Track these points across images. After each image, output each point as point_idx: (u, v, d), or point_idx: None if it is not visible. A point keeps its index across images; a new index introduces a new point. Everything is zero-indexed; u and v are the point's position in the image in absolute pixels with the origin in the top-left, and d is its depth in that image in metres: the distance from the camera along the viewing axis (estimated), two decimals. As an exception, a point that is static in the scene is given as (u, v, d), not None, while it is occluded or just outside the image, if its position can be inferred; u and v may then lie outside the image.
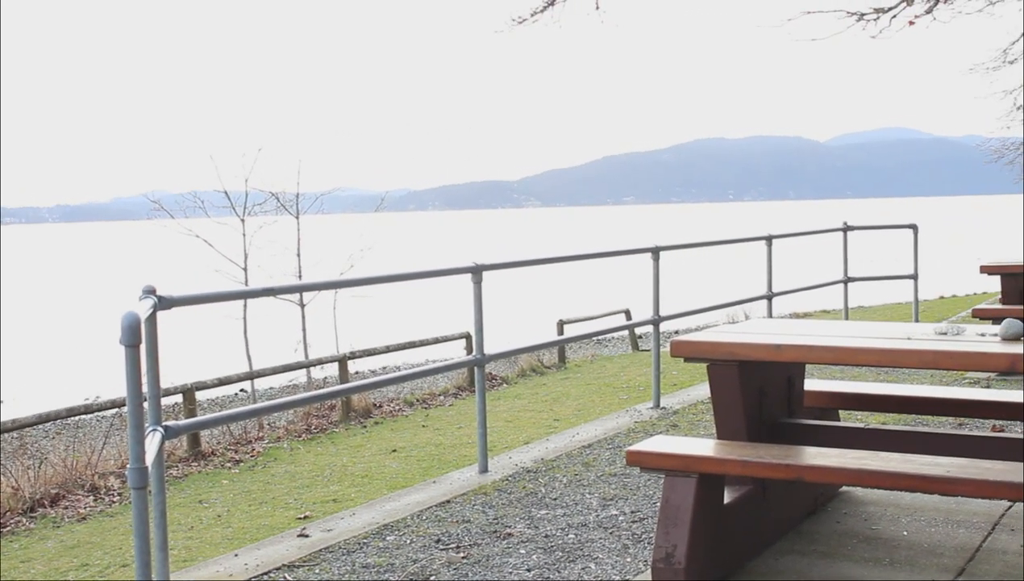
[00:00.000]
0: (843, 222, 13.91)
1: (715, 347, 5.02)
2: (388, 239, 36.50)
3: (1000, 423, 7.76)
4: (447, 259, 8.52)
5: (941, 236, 75.07)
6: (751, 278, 12.40)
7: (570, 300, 32.60)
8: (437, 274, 7.45)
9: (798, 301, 23.19)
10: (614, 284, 31.35)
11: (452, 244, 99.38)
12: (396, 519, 6.20)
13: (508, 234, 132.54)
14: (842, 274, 13.91)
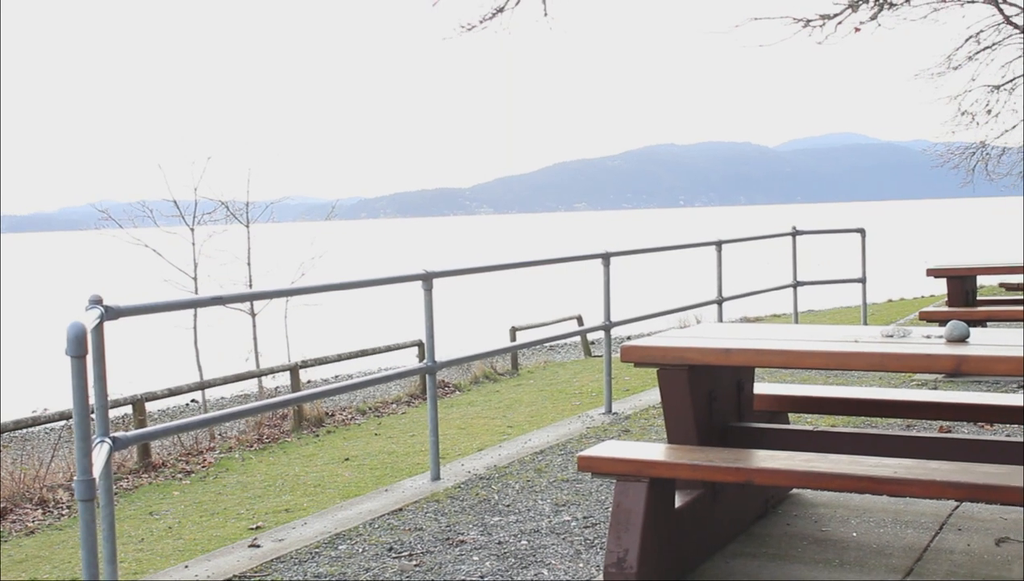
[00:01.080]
0: (792, 227, 14.01)
1: (665, 352, 5.04)
2: (339, 247, 36.36)
3: (947, 424, 7.85)
4: (398, 267, 8.51)
5: (890, 240, 75.82)
6: (702, 283, 12.47)
7: (523, 307, 32.64)
8: (387, 282, 7.43)
9: (749, 306, 23.33)
10: (567, 290, 31.42)
11: (404, 252, 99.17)
12: (348, 528, 6.17)
13: (460, 241, 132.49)
14: (791, 278, 14.01)
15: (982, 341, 4.89)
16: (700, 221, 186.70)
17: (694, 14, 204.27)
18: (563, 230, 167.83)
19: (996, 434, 7.57)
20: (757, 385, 6.08)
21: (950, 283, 11.36)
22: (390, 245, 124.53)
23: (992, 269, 12.55)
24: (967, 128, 27.63)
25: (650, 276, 39.22)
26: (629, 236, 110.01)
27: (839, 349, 4.79)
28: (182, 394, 14.10)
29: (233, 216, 18.92)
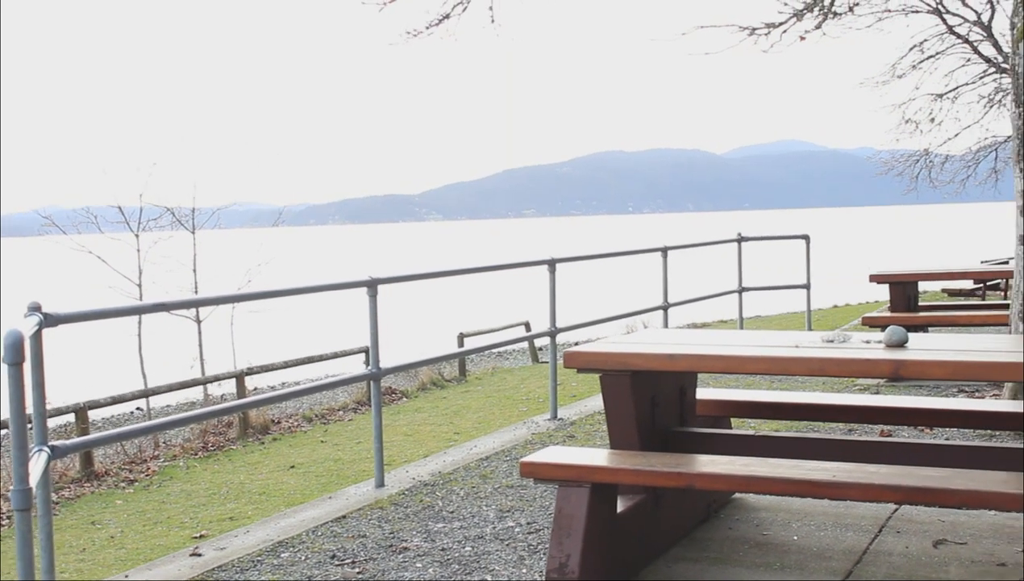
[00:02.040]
0: (737, 233, 14.11)
1: (607, 358, 5.06)
2: (287, 254, 36.17)
3: (888, 428, 7.93)
4: (346, 273, 8.48)
5: (835, 246, 76.51)
6: (650, 289, 12.53)
7: (471, 313, 32.64)
8: (332, 288, 7.40)
9: (697, 311, 23.47)
10: (515, 297, 31.46)
11: (353, 258, 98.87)
12: (291, 535, 6.14)
13: (409, 248, 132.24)
14: (737, 284, 14.11)
15: (920, 346, 4.95)
16: (648, 227, 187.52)
17: (644, 21, 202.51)
18: (512, 236, 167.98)
19: (936, 438, 7.66)
20: (700, 390, 6.11)
21: (892, 289, 11.49)
22: (338, 251, 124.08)
23: (933, 275, 12.71)
24: (911, 136, 27.93)
25: (598, 282, 39.36)
26: (578, 242, 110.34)
27: (780, 354, 4.83)
28: (126, 402, 13.97)
29: (179, 222, 18.81)
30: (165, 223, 18.65)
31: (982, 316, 11.35)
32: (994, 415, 5.89)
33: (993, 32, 24.00)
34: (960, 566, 5.00)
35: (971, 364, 4.55)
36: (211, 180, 28.12)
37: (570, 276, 16.85)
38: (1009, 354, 4.79)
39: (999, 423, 6.05)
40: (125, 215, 18.13)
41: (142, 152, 47.43)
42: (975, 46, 25.16)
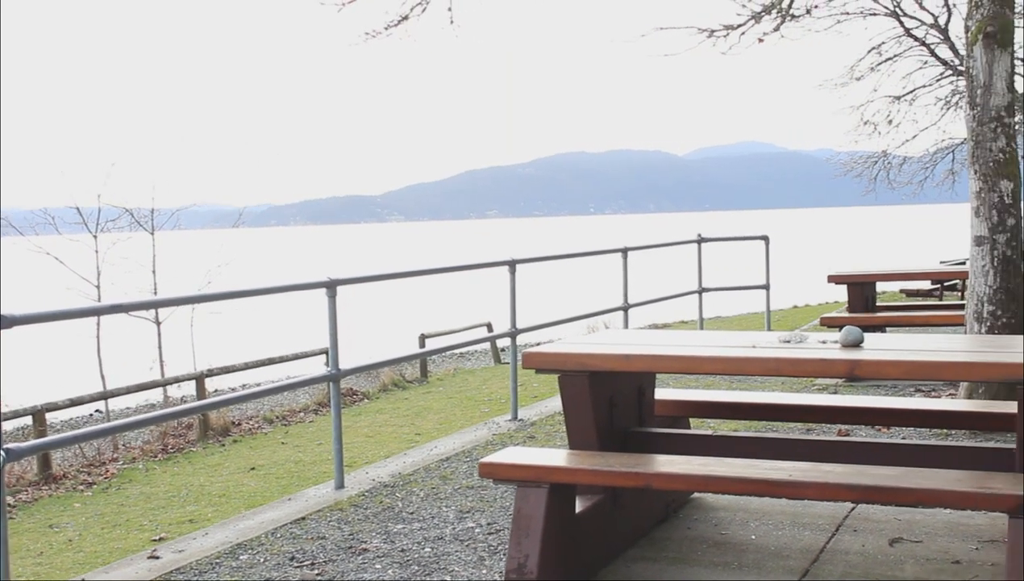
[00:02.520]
0: (697, 234, 14.17)
1: (566, 358, 5.08)
2: (248, 255, 35.99)
3: (846, 427, 7.99)
4: (307, 274, 8.46)
5: (795, 247, 76.95)
6: (611, 290, 12.56)
7: (434, 314, 32.59)
8: (291, 289, 7.39)
9: (658, 312, 23.54)
10: (477, 298, 31.46)
11: (314, 259, 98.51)
12: (250, 537, 6.11)
13: (371, 248, 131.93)
14: (697, 285, 14.17)
15: (876, 346, 5.00)
16: (610, 228, 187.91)
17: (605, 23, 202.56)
18: (474, 237, 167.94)
19: (892, 437, 7.73)
20: (659, 390, 6.14)
21: (850, 289, 11.58)
22: (300, 252, 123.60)
23: (890, 276, 12.82)
24: (869, 137, 28.16)
25: (560, 283, 39.39)
26: (540, 243, 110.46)
27: (737, 354, 4.86)
28: (84, 404, 13.87)
29: (138, 223, 18.69)
30: (124, 224, 18.53)
31: (939, 316, 11.47)
32: (949, 414, 5.95)
33: (949, 35, 24.21)
34: (915, 564, 5.05)
35: (925, 364, 4.60)
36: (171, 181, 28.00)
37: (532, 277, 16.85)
38: (962, 354, 4.85)
39: (954, 422, 6.12)
40: (83, 216, 18.00)
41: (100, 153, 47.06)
42: (932, 49, 25.38)
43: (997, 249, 8.05)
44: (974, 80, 8.13)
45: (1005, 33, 8.05)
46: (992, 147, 8.03)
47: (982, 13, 8.05)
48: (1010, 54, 8.09)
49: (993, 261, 8.05)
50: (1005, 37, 8.05)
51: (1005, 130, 8.05)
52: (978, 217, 8.14)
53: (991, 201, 8.04)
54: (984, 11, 8.04)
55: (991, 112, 8.02)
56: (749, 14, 11.74)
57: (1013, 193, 8.09)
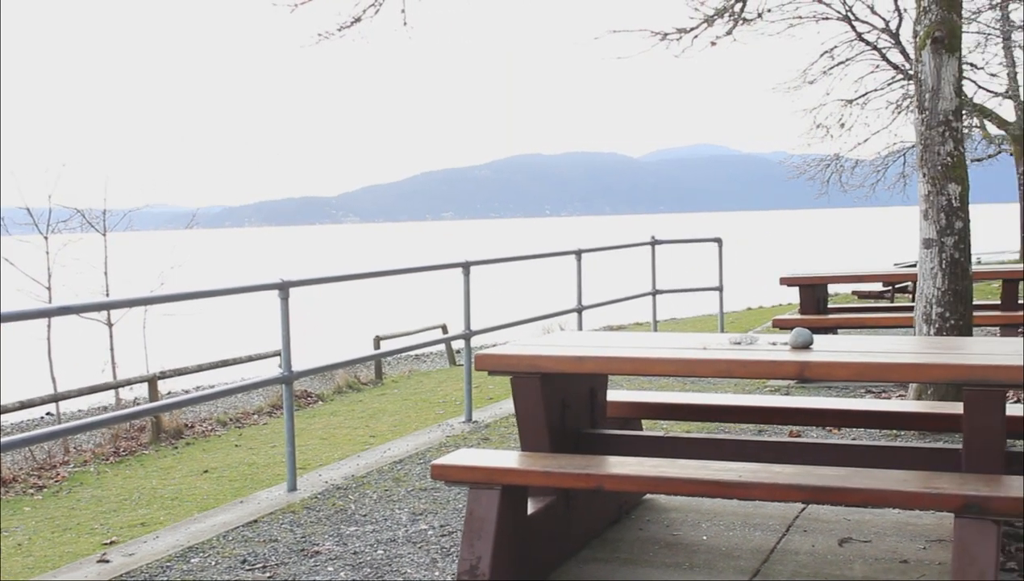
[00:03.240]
0: (651, 236, 14.23)
1: (518, 360, 5.09)
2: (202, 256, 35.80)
3: (797, 428, 8.05)
4: (261, 276, 8.42)
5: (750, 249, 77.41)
6: (567, 292, 12.59)
7: (389, 316, 32.51)
8: (243, 290, 7.36)
9: (613, 314, 23.61)
10: (433, 300, 31.42)
11: (269, 261, 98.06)
12: (201, 540, 6.08)
13: (326, 250, 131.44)
14: (651, 286, 14.23)
15: (825, 347, 5.04)
16: (565, 230, 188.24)
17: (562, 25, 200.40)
18: (430, 239, 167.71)
19: (843, 438, 7.80)
20: (612, 392, 6.17)
21: (802, 291, 11.67)
22: (254, 254, 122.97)
23: (841, 278, 12.93)
24: (822, 141, 28.43)
25: (516, 285, 39.43)
26: (496, 245, 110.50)
27: (688, 356, 4.89)
28: (35, 407, 13.72)
29: (90, 224, 18.51)
30: (75, 225, 18.35)
31: (889, 318, 11.57)
32: (898, 415, 6.02)
33: (900, 39, 24.47)
34: (864, 564, 5.10)
35: (873, 365, 4.65)
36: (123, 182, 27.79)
37: (487, 279, 16.86)
38: (910, 355, 4.90)
39: (903, 423, 6.19)
40: (34, 217, 17.81)
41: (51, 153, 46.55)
42: (883, 53, 25.63)
43: (945, 252, 8.14)
44: (922, 84, 8.22)
45: (953, 38, 8.15)
46: (940, 151, 8.12)
47: (930, 18, 8.14)
48: (957, 59, 8.19)
49: (941, 263, 8.14)
50: (953, 42, 8.15)
51: (953, 134, 8.14)
52: (927, 220, 8.23)
53: (939, 204, 8.14)
54: (932, 16, 8.13)
55: (939, 116, 8.12)
56: (701, 17, 11.81)
57: (961, 196, 8.18)
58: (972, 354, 4.84)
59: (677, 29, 11.94)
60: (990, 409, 4.53)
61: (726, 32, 11.89)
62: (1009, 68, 28.21)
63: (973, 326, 8.71)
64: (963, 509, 4.12)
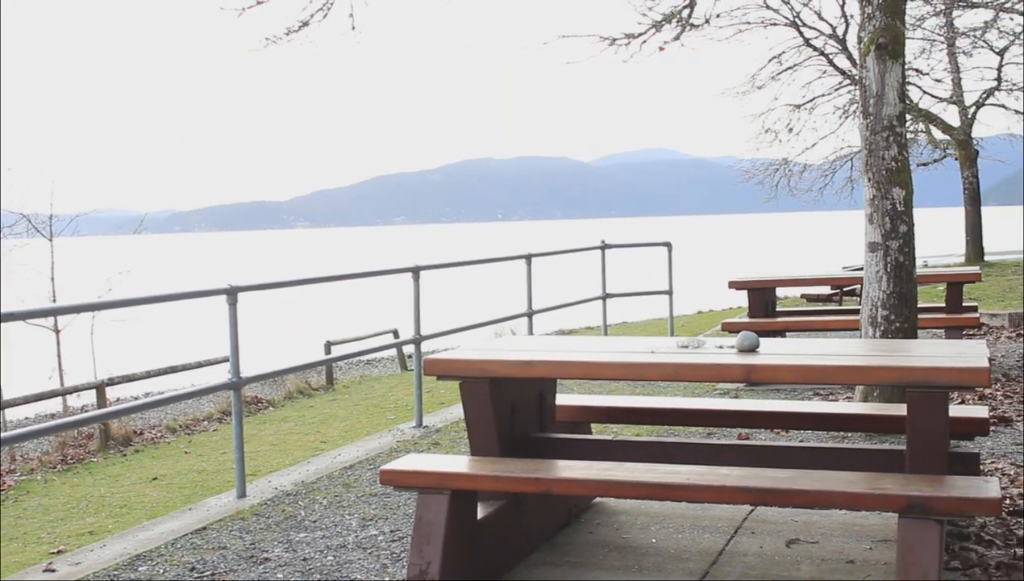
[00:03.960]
0: (601, 240, 14.28)
1: (467, 365, 5.10)
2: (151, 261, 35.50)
3: (746, 431, 8.11)
4: (211, 281, 8.37)
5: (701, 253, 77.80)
6: (519, 296, 12.61)
7: (341, 321, 32.39)
8: (191, 296, 7.32)
9: (565, 318, 23.68)
10: (385, 304, 31.36)
11: (219, 266, 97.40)
12: (149, 548, 6.04)
13: (277, 255, 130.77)
14: (601, 290, 14.27)
15: (771, 351, 5.09)
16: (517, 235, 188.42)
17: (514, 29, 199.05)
18: (382, 244, 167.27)
19: (791, 440, 7.86)
20: (561, 396, 6.19)
21: (751, 295, 11.75)
22: (204, 259, 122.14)
23: (789, 281, 13.04)
24: (771, 145, 28.70)
25: (468, 290, 39.41)
26: (448, 249, 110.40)
27: (635, 360, 4.92)
28: (-21, 415, 13.57)
29: (35, 229, 18.35)
30: (21, 230, 18.19)
31: (837, 321, 11.68)
32: (845, 417, 6.09)
33: (847, 45, 24.74)
34: (811, 564, 5.15)
35: (818, 368, 4.71)
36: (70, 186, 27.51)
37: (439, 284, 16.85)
38: (854, 358, 4.96)
39: (850, 425, 6.27)
40: (-23, 223, 17.67)
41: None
42: (831, 59, 25.90)
43: (890, 255, 8.23)
44: (867, 90, 8.31)
45: (896, 44, 8.25)
46: (885, 156, 8.21)
47: (874, 25, 8.24)
48: (901, 65, 8.29)
49: (887, 267, 8.23)
50: (896, 48, 8.25)
51: (897, 139, 8.24)
52: (872, 224, 8.32)
53: (884, 208, 8.23)
54: (876, 23, 8.22)
55: (883, 121, 8.21)
56: (650, 23, 11.87)
57: (905, 200, 8.27)
58: (915, 356, 4.90)
59: (626, 34, 11.99)
60: (933, 410, 4.59)
61: (674, 37, 11.96)
62: (953, 74, 28.61)
63: (918, 328, 8.81)
64: (907, 509, 4.17)
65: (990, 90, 28.34)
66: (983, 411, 5.73)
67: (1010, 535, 5.45)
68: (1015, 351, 12.22)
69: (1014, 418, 8.43)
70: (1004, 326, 14.83)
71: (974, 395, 9.29)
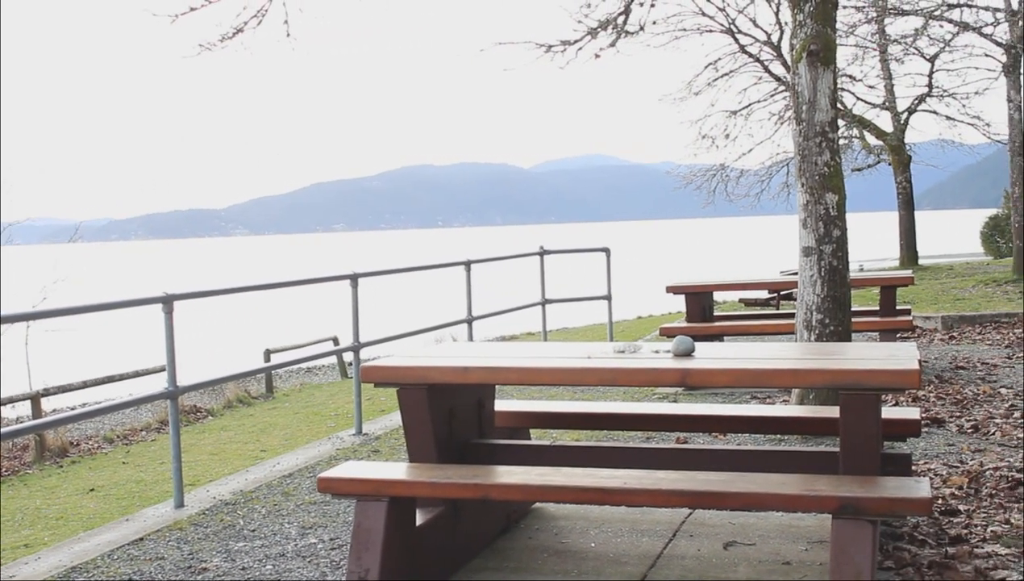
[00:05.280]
0: (540, 246, 14.33)
1: (404, 372, 5.10)
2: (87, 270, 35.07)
3: (684, 435, 8.17)
4: (147, 289, 8.30)
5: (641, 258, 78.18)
6: (459, 303, 12.61)
7: (280, 329, 32.20)
8: (125, 305, 7.26)
9: (506, 324, 23.70)
10: (325, 312, 31.22)
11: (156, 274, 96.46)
12: (86, 560, 5.98)
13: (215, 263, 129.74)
14: (540, 296, 14.32)
15: (707, 355, 5.14)
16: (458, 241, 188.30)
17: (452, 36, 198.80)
18: (322, 251, 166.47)
19: (728, 443, 7.93)
20: (500, 402, 6.21)
21: (688, 300, 11.83)
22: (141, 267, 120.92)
23: (726, 286, 13.16)
24: (708, 151, 28.96)
25: (409, 297, 39.35)
26: (388, 256, 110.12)
27: (572, 365, 4.95)
28: (-90, 427, 13.34)
29: (-34, 239, 18.09)
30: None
31: (773, 325, 11.80)
32: (781, 420, 6.17)
33: (782, 52, 25.01)
34: (748, 566, 5.20)
35: (752, 371, 4.76)
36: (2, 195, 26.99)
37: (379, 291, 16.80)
38: (789, 361, 5.03)
39: (786, 428, 6.35)
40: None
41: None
42: (766, 65, 26.18)
43: (824, 259, 8.34)
44: (799, 96, 8.42)
45: (827, 51, 8.36)
46: (817, 161, 8.32)
47: (806, 32, 8.35)
48: (832, 71, 8.40)
49: (820, 271, 8.34)
50: (827, 55, 8.36)
51: (829, 145, 8.35)
52: (806, 229, 8.42)
53: (817, 213, 8.33)
54: (807, 30, 8.33)
55: (816, 127, 8.32)
56: (585, 30, 11.94)
57: (838, 205, 8.39)
58: (847, 359, 4.97)
59: (562, 41, 12.06)
60: (865, 412, 4.67)
61: (610, 44, 12.04)
62: (886, 80, 29.03)
63: (853, 331, 8.93)
64: (839, 510, 4.23)
65: (922, 96, 28.78)
66: (915, 413, 5.82)
67: (942, 534, 5.54)
68: (948, 353, 12.41)
69: (947, 419, 8.56)
70: (937, 329, 15.06)
71: (907, 397, 9.43)
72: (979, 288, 19.97)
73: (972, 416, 8.66)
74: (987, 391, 9.76)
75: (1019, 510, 5.92)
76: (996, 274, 22.76)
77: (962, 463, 7.13)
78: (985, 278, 21.80)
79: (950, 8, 21.99)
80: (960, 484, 6.51)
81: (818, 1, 8.34)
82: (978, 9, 21.89)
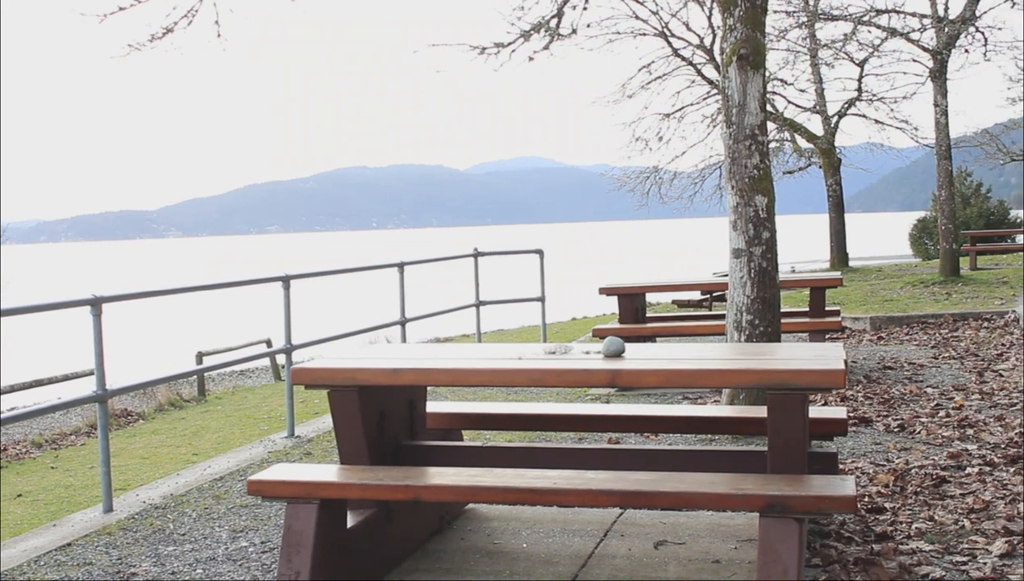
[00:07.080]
0: (474, 248, 14.34)
1: (335, 374, 5.09)
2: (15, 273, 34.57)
3: (616, 435, 8.22)
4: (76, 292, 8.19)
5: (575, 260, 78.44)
6: (393, 304, 12.58)
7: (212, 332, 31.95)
8: (52, 307, 7.17)
9: (441, 326, 23.67)
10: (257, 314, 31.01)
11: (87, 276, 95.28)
12: (11, 567, 5.89)
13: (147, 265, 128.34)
14: (474, 298, 14.33)
15: (637, 356, 5.18)
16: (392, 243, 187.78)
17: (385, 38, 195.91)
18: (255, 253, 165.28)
19: (660, 443, 7.99)
20: (432, 403, 6.21)
21: (620, 301, 11.90)
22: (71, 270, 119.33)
23: (659, 287, 13.24)
24: (642, 153, 29.13)
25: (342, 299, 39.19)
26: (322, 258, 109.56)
27: (503, 366, 4.97)
28: None
29: None
30: None
31: (704, 326, 11.90)
32: (711, 420, 6.24)
33: (715, 55, 25.22)
34: (679, 565, 5.25)
35: (682, 372, 4.81)
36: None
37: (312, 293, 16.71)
38: (718, 362, 5.07)
39: (716, 427, 6.41)
40: None
41: None
42: (699, 68, 26.38)
43: (754, 261, 8.43)
44: (730, 100, 8.50)
45: (757, 55, 8.45)
46: (747, 164, 8.41)
47: (736, 36, 8.43)
48: (762, 75, 8.50)
49: (750, 272, 8.42)
50: (757, 59, 8.45)
51: (759, 148, 8.44)
52: (736, 231, 8.51)
53: (747, 215, 8.42)
54: (737, 34, 8.42)
55: (746, 130, 8.41)
56: (519, 32, 11.98)
57: (767, 208, 8.48)
58: (775, 359, 5.03)
59: (495, 44, 12.09)
60: (792, 412, 4.73)
61: (543, 47, 12.09)
62: (816, 84, 29.39)
63: (783, 332, 9.04)
64: (767, 509, 4.29)
65: (851, 100, 29.15)
66: (842, 412, 5.90)
67: (868, 531, 5.63)
68: (876, 354, 12.59)
69: (874, 418, 8.69)
70: (866, 329, 15.27)
71: (835, 397, 9.56)
72: (907, 289, 20.27)
73: (899, 415, 8.80)
74: (914, 391, 9.91)
75: (943, 507, 6.02)
76: (924, 276, 23.11)
77: (888, 461, 7.24)
78: (913, 280, 22.12)
79: (878, 14, 22.29)
80: (886, 482, 6.61)
81: (748, 6, 8.43)
82: (906, 15, 22.21)
